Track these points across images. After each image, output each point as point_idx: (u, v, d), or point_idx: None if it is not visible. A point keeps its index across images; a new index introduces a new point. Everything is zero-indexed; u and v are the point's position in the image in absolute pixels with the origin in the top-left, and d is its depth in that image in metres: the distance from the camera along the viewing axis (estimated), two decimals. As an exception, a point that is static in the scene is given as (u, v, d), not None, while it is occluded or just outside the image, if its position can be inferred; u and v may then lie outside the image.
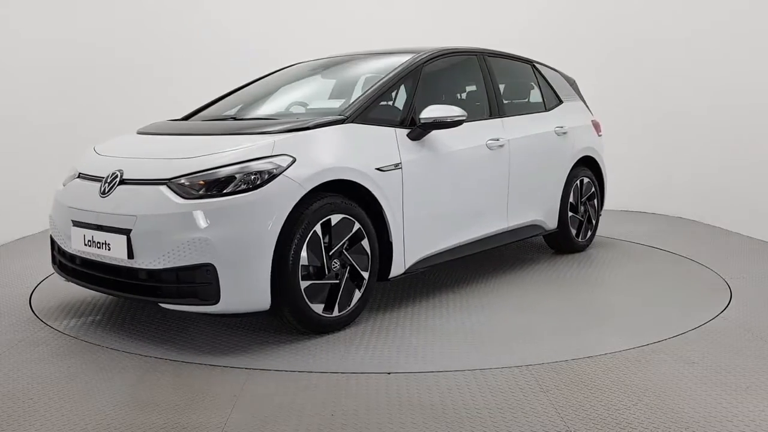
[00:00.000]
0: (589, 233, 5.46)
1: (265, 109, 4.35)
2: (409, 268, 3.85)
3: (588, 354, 3.14)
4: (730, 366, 2.99)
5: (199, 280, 3.07)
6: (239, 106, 4.42)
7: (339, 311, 3.43)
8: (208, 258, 3.04)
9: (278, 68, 5.04)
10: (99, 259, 3.32)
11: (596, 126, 5.61)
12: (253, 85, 4.80)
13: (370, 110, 3.76)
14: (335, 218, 3.37)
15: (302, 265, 3.22)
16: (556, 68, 5.61)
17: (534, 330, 3.55)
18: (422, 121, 3.82)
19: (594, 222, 5.50)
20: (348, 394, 2.73)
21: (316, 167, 3.31)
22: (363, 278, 3.53)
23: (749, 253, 5.27)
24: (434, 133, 3.97)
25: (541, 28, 7.56)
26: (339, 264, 3.42)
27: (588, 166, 5.44)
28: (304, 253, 3.23)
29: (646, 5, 7.17)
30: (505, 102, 4.74)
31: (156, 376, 2.93)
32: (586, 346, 3.26)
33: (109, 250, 3.24)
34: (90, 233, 3.34)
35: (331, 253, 3.37)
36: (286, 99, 4.53)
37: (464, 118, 3.89)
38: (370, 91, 3.89)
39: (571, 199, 5.18)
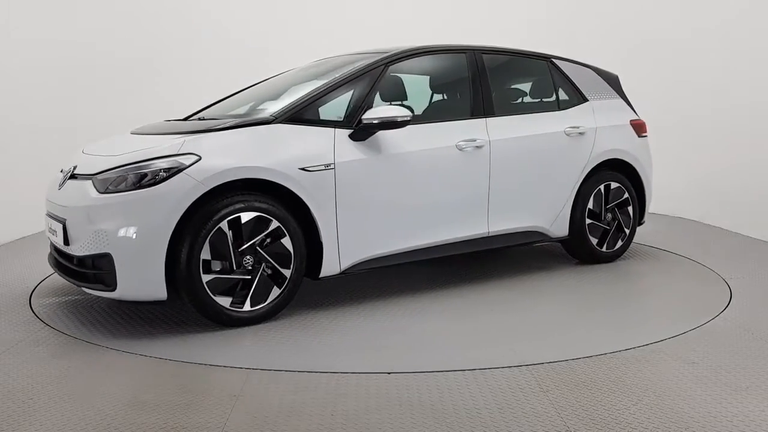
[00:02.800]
0: (619, 243, 4.99)
1: (241, 110, 4.33)
2: (348, 269, 3.85)
3: (588, 354, 3.14)
4: (730, 366, 2.98)
5: (104, 268, 3.37)
6: (226, 107, 4.46)
7: (251, 306, 3.54)
8: (107, 248, 3.32)
9: (291, 67, 5.00)
10: (56, 245, 3.74)
11: (637, 126, 5.17)
12: (258, 85, 4.79)
13: (305, 111, 3.80)
14: (246, 216, 3.48)
15: (204, 260, 3.39)
16: (588, 64, 5.21)
17: (534, 330, 3.55)
18: (363, 122, 3.81)
19: (627, 231, 5.03)
20: (348, 394, 2.73)
21: (220, 166, 3.42)
22: (284, 276, 3.63)
23: (749, 253, 5.27)
24: (385, 134, 3.92)
25: (550, 25, 7.54)
26: (252, 260, 3.52)
27: (621, 169, 5.03)
28: (206, 248, 3.39)
29: (643, 8, 7.17)
30: (498, 101, 4.55)
31: (156, 376, 2.93)
32: (586, 346, 3.26)
33: (56, 236, 3.66)
34: (49, 221, 3.79)
35: (241, 250, 3.48)
36: (268, 100, 4.47)
37: (408, 119, 3.83)
38: (308, 92, 3.92)
39: (590, 205, 4.82)
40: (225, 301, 3.48)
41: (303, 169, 3.63)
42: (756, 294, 4.16)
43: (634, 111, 5.28)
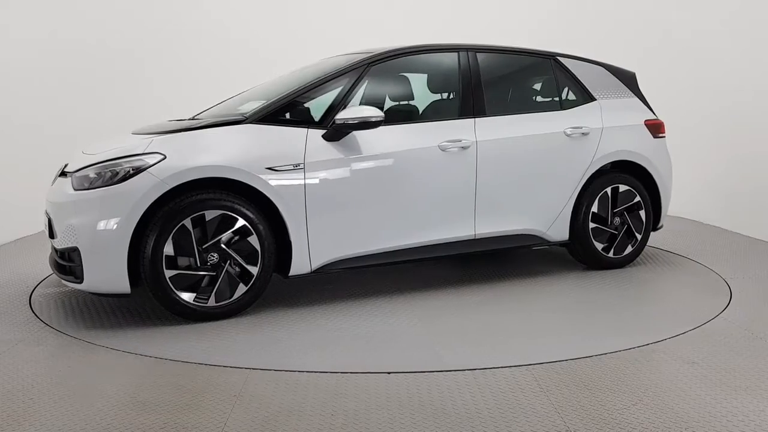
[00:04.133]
0: (629, 249, 4.79)
1: (231, 110, 4.32)
2: (320, 268, 3.88)
3: (588, 354, 3.14)
4: (730, 366, 2.99)
5: (74, 261, 3.55)
6: (233, 105, 4.46)
7: (216, 302, 3.62)
8: (75, 242, 3.50)
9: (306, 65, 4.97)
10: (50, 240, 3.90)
11: (653, 127, 4.94)
12: (269, 82, 4.76)
13: (281, 111, 3.87)
14: (210, 214, 3.57)
15: (167, 256, 3.50)
16: (600, 61, 5.00)
17: (534, 330, 3.56)
18: (336, 122, 3.82)
19: (638, 236, 4.81)
20: (348, 394, 2.73)
21: (183, 165, 3.52)
22: (251, 273, 3.69)
23: (749, 253, 5.27)
24: (362, 134, 3.92)
25: (566, 22, 7.50)
26: (217, 258, 3.59)
27: (634, 171, 4.85)
28: (169, 244, 3.49)
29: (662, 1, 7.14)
30: (492, 101, 4.44)
31: (156, 376, 2.93)
32: (586, 346, 3.26)
33: (45, 228, 3.89)
34: (44, 218, 3.93)
35: (205, 246, 3.57)
36: (261, 99, 4.49)
37: (381, 119, 3.83)
38: (283, 93, 3.96)
39: (595, 209, 4.64)
40: (189, 297, 3.58)
41: (270, 168, 3.68)
42: (756, 294, 4.16)
43: (651, 110, 5.06)
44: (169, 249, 3.51)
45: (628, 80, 5.08)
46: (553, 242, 4.61)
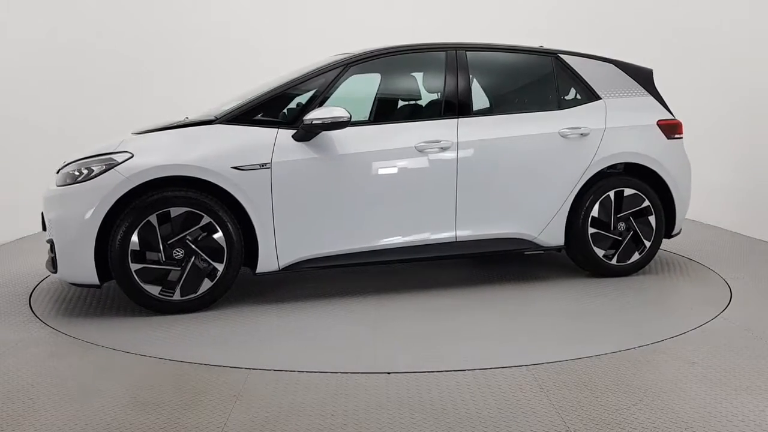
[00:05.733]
0: (635, 257, 4.52)
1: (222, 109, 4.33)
2: (288, 266, 3.92)
3: (588, 354, 3.14)
4: (730, 366, 2.98)
5: (52, 252, 3.77)
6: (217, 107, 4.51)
7: (182, 296, 3.76)
8: (51, 235, 3.75)
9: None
10: None
11: (667, 127, 4.64)
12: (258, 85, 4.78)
13: (253, 111, 3.94)
14: (176, 211, 3.70)
15: (133, 250, 3.66)
16: (611, 59, 4.74)
17: (534, 330, 3.56)
18: (304, 123, 3.85)
19: (647, 244, 4.53)
20: (348, 394, 2.73)
21: (146, 164, 3.67)
22: (216, 269, 3.80)
23: (749, 253, 5.27)
24: (334, 134, 3.93)
25: (579, 19, 7.45)
26: (183, 253, 3.72)
27: (643, 175, 4.57)
28: (135, 239, 3.66)
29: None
30: (480, 101, 4.33)
31: (156, 376, 2.93)
32: (586, 346, 3.26)
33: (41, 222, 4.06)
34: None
35: (170, 242, 3.71)
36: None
37: (346, 119, 3.83)
38: (257, 93, 4.05)
39: (595, 213, 4.43)
40: (155, 290, 3.73)
41: (236, 167, 3.76)
42: (756, 294, 4.16)
43: (668, 110, 4.76)
44: (135, 244, 3.67)
45: (644, 78, 4.79)
46: (547, 247, 4.43)
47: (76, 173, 3.74)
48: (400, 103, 4.59)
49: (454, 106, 4.26)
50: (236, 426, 2.45)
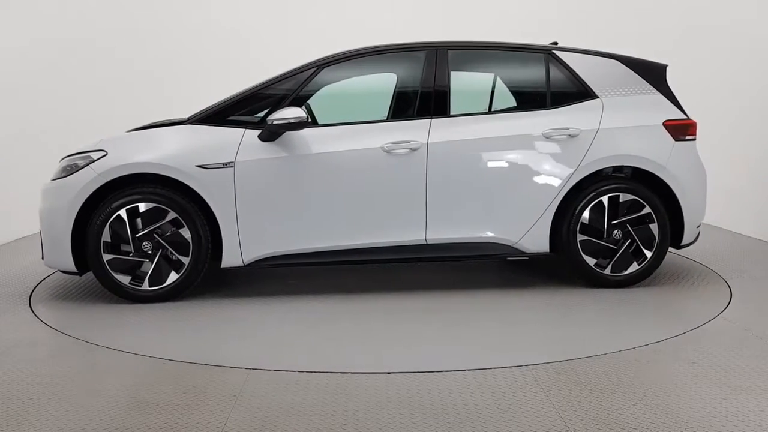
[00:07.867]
0: (633, 267, 4.23)
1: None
2: (252, 263, 4.04)
3: (588, 354, 3.14)
4: (730, 366, 2.98)
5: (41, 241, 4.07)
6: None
7: (150, 286, 3.99)
8: (40, 225, 4.04)
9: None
10: None
11: (676, 128, 4.28)
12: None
13: (224, 112, 4.10)
14: (144, 206, 3.95)
15: (104, 242, 3.93)
16: (617, 54, 4.43)
17: (534, 330, 3.55)
18: (267, 123, 3.95)
19: (648, 254, 4.23)
20: (348, 394, 2.73)
21: (118, 162, 3.93)
22: (182, 262, 4.00)
23: (749, 253, 5.27)
24: (300, 134, 4.01)
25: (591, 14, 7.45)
26: (151, 246, 3.96)
27: (645, 179, 4.27)
28: (107, 232, 3.92)
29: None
30: (459, 100, 4.18)
31: (156, 376, 2.93)
32: (586, 346, 3.26)
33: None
34: None
35: (139, 236, 3.96)
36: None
37: (302, 119, 3.89)
38: (232, 94, 4.16)
39: (585, 219, 4.18)
40: (125, 279, 3.98)
41: (200, 166, 3.93)
42: (756, 294, 4.16)
43: (681, 109, 4.39)
44: (107, 236, 3.93)
45: (655, 75, 4.42)
46: (531, 254, 4.21)
47: (66, 168, 4.02)
48: (373, 104, 4.62)
49: (429, 106, 4.17)
50: (236, 426, 2.45)
